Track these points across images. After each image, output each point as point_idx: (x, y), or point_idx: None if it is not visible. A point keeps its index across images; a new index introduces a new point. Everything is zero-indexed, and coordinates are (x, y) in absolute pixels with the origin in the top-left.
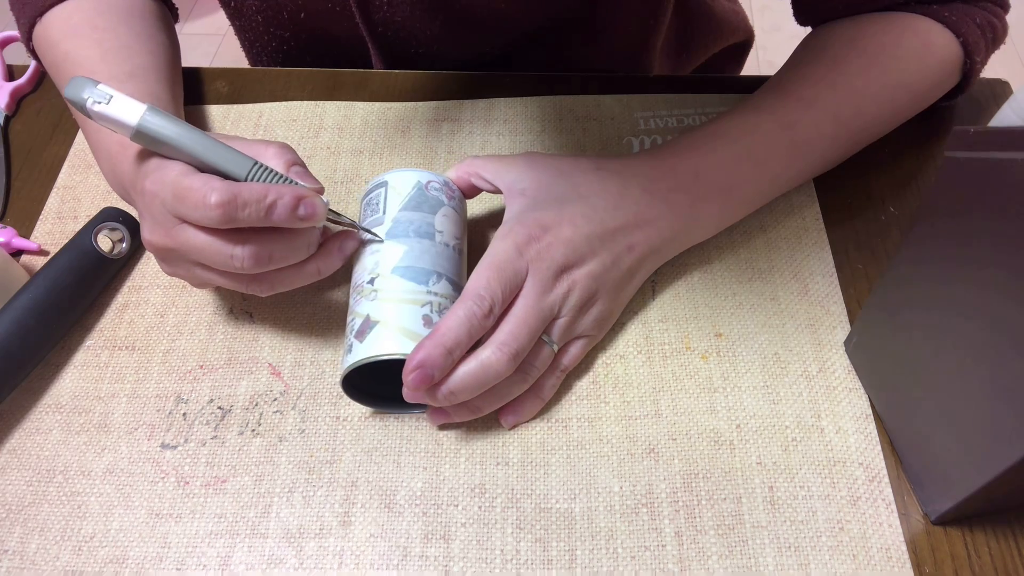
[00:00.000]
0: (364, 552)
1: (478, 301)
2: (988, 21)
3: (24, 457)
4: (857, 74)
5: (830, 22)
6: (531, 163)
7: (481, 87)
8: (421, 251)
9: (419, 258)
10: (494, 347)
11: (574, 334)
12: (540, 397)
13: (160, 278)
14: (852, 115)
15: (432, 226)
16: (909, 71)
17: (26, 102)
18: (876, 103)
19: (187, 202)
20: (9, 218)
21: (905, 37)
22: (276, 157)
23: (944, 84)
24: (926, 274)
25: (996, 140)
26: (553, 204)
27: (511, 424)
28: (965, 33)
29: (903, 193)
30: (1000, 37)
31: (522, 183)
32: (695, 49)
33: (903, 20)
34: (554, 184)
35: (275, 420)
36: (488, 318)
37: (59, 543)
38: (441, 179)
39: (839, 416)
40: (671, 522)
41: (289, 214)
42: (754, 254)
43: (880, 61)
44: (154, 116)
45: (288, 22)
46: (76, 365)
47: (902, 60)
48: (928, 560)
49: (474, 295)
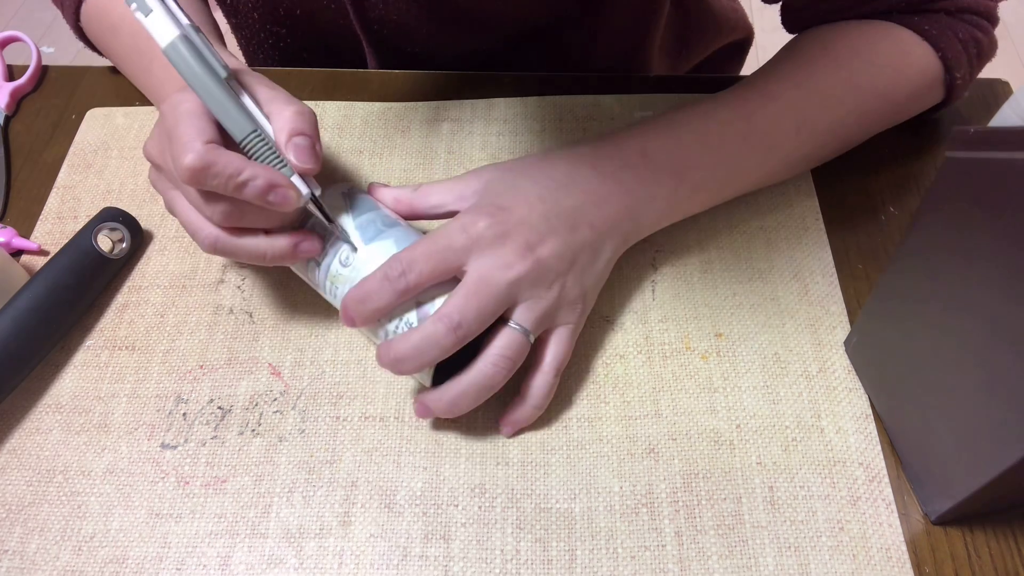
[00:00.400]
0: (364, 552)
1: (392, 264)
2: (972, 36)
3: (24, 457)
4: (824, 74)
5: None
6: (479, 171)
7: (481, 87)
8: (404, 234)
9: (408, 239)
10: (435, 317)
11: (553, 322)
12: (530, 403)
13: (160, 278)
14: (816, 114)
15: (388, 216)
16: (883, 77)
17: (26, 102)
18: (843, 105)
19: (171, 146)
20: (9, 218)
21: (881, 44)
22: (286, 123)
23: (925, 96)
24: (926, 274)
25: (996, 140)
26: (507, 191)
27: (508, 433)
28: (944, 47)
29: (903, 193)
30: (986, 52)
31: (472, 187)
32: (693, 47)
33: (882, 28)
34: (504, 175)
35: (275, 420)
36: (400, 280)
37: (59, 543)
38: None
39: (839, 416)
40: (671, 522)
41: (257, 196)
42: (754, 254)
43: (850, 64)
44: (182, 46)
45: (284, 18)
46: (76, 365)
47: (875, 66)
48: (928, 560)
49: (392, 260)
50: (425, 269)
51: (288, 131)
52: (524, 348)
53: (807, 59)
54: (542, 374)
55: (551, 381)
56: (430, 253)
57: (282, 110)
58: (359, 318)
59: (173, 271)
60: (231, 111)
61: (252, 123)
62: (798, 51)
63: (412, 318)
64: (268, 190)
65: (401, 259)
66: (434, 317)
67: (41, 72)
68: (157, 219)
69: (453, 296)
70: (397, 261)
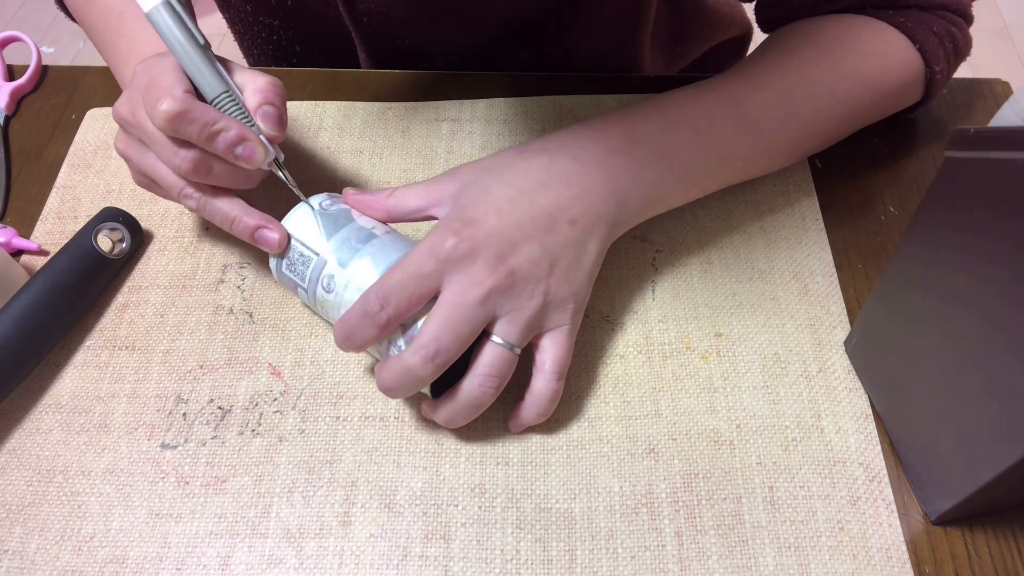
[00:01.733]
0: (364, 552)
1: (371, 300)
2: (947, 31)
3: (24, 457)
4: (810, 62)
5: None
6: (453, 172)
7: (481, 87)
8: (380, 250)
9: (385, 256)
10: (412, 349)
11: (541, 328)
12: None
13: (160, 278)
14: (803, 101)
15: (363, 228)
16: (868, 65)
17: (26, 102)
18: (831, 94)
19: (149, 95)
20: (9, 218)
21: (862, 34)
22: (257, 92)
23: (907, 89)
24: (926, 274)
25: (996, 140)
26: (478, 197)
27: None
28: (921, 40)
29: (903, 193)
30: (963, 49)
31: (447, 191)
32: (688, 43)
33: (860, 20)
34: (479, 178)
35: (275, 420)
36: (381, 315)
37: (59, 543)
38: (323, 195)
39: (839, 416)
40: (671, 522)
41: (227, 148)
42: (754, 254)
43: (835, 52)
44: (165, 11)
45: (276, 9)
46: (76, 365)
47: (859, 54)
48: (928, 560)
49: (369, 295)
50: (402, 300)
51: (259, 99)
52: (509, 362)
53: (792, 48)
54: (544, 379)
55: (553, 386)
56: (403, 283)
57: (254, 79)
58: (352, 350)
59: (173, 271)
60: (205, 72)
61: (225, 84)
62: (782, 42)
63: (401, 343)
64: (238, 142)
65: (377, 294)
66: (411, 349)
67: (41, 72)
68: (157, 219)
69: (427, 323)
70: (374, 296)
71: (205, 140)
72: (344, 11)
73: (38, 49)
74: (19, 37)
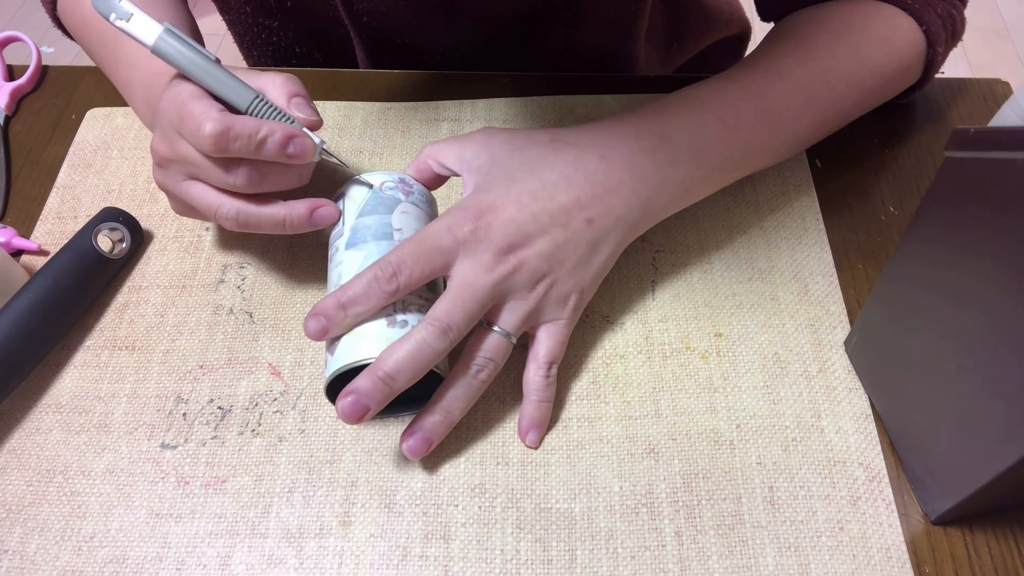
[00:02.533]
0: (364, 552)
1: (383, 266)
2: (948, 13)
3: (24, 457)
4: (826, 50)
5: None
6: (487, 139)
7: (481, 87)
8: (379, 253)
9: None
10: (425, 323)
11: (539, 320)
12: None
13: (160, 278)
14: (821, 90)
15: (389, 226)
16: (877, 52)
17: (26, 102)
18: (845, 81)
19: (186, 126)
20: (9, 218)
21: (871, 19)
22: (279, 88)
23: (909, 71)
24: (926, 274)
25: (996, 140)
26: (502, 183)
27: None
28: (928, 21)
29: (903, 193)
30: (959, 31)
31: (478, 159)
32: (685, 41)
33: (868, 5)
34: (508, 160)
35: (275, 420)
36: (391, 283)
37: (59, 543)
38: (396, 177)
39: (839, 416)
40: (671, 522)
41: (278, 151)
42: (754, 254)
43: (848, 40)
44: (169, 38)
45: (275, 10)
46: (76, 365)
47: (870, 40)
48: (928, 560)
49: (382, 261)
50: (415, 271)
51: (285, 94)
52: (505, 349)
53: (805, 36)
54: (535, 367)
55: (544, 373)
56: (419, 255)
57: (272, 79)
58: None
59: (173, 271)
60: (231, 84)
61: (254, 90)
62: (793, 30)
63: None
64: (287, 142)
65: (391, 261)
66: (424, 322)
67: (41, 72)
68: (157, 219)
69: (441, 301)
70: (387, 263)
71: (255, 149)
72: (343, 10)
73: (38, 49)
74: (19, 37)
